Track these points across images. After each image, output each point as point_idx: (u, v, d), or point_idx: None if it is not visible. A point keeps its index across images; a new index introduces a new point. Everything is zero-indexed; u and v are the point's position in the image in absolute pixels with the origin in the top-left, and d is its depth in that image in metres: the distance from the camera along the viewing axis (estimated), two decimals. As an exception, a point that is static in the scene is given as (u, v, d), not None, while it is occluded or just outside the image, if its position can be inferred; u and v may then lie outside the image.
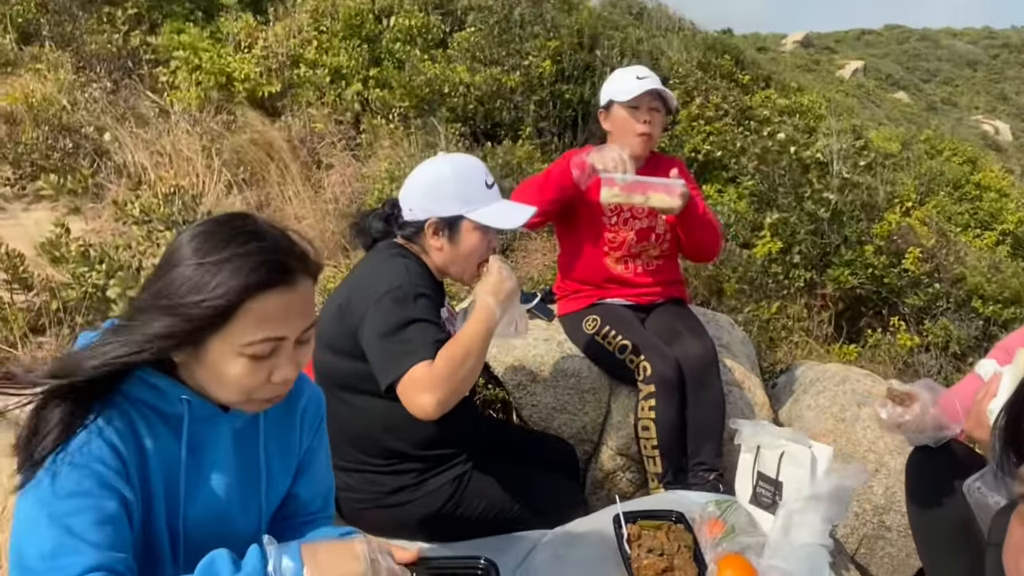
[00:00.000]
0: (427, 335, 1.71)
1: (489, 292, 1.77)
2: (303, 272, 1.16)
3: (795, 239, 5.24)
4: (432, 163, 1.94)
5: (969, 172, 8.29)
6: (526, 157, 5.22)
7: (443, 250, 1.91)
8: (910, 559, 2.46)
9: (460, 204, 1.86)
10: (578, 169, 2.30)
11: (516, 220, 1.92)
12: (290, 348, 1.17)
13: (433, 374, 1.63)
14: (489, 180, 1.93)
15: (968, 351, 5.23)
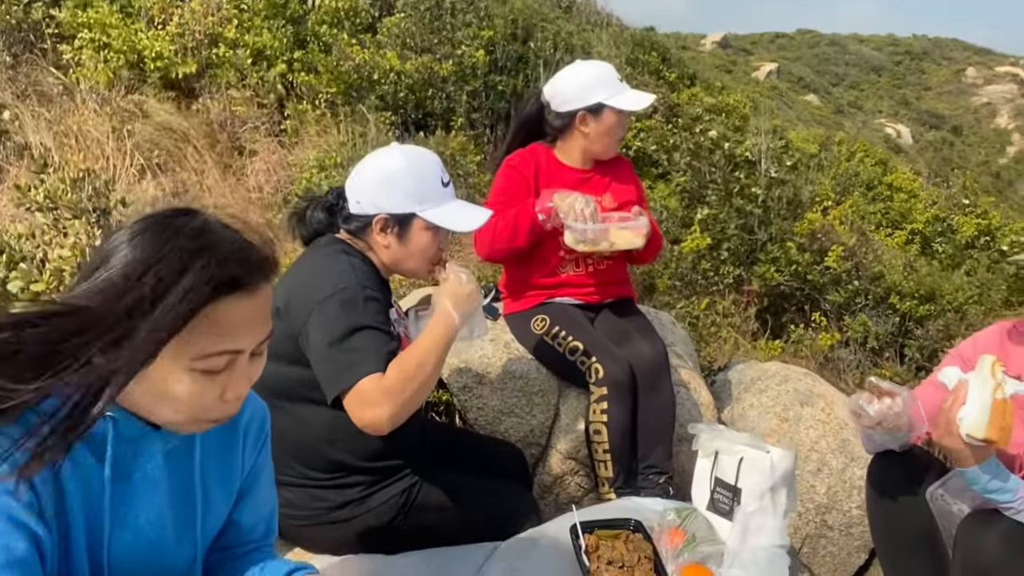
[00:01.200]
0: (377, 344, 1.59)
1: (449, 299, 1.66)
2: (263, 276, 1.02)
3: (724, 236, 5.33)
4: (386, 154, 1.80)
5: (881, 174, 8.67)
6: (459, 149, 5.10)
7: (390, 248, 1.78)
8: (851, 557, 2.49)
9: (414, 202, 1.74)
10: (545, 215, 2.25)
11: (472, 223, 1.82)
12: (245, 362, 1.04)
13: (384, 387, 1.52)
14: (445, 178, 1.81)
15: (885, 346, 5.44)
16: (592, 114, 2.36)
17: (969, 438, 1.41)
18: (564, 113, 2.39)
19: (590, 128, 2.38)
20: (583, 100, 2.34)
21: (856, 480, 2.49)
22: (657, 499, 2.03)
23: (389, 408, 1.51)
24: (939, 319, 5.45)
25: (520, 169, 2.40)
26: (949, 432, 1.44)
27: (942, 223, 8.03)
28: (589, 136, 2.39)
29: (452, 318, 1.63)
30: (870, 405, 1.48)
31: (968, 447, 1.43)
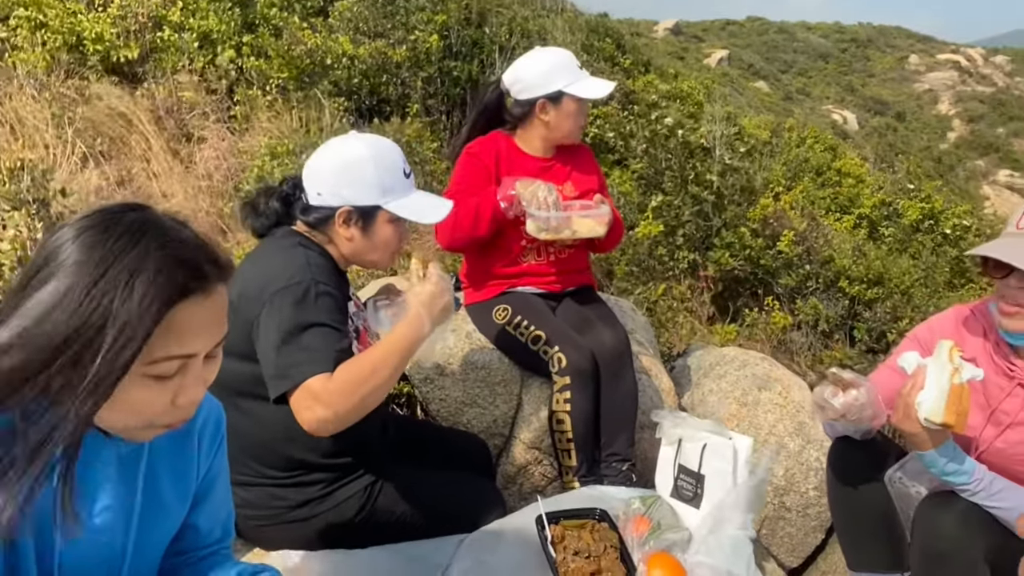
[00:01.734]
0: (327, 342, 1.54)
1: (425, 306, 1.60)
2: (217, 276, 0.98)
3: (679, 222, 5.38)
4: (346, 143, 1.74)
5: (830, 159, 8.85)
6: (416, 136, 5.04)
7: (354, 241, 1.74)
8: (808, 538, 2.54)
9: (378, 193, 1.70)
10: (507, 203, 2.24)
11: (436, 215, 1.78)
12: (199, 365, 0.99)
13: (332, 389, 1.47)
14: (407, 168, 1.78)
15: (835, 328, 5.58)
16: (552, 102, 2.34)
17: (927, 422, 1.44)
18: (524, 101, 2.36)
19: (550, 116, 2.36)
20: (543, 88, 2.32)
21: (812, 462, 2.54)
22: (621, 487, 2.04)
23: (334, 411, 1.47)
24: (887, 302, 5.60)
25: (481, 157, 2.37)
26: (908, 417, 1.46)
27: (888, 207, 8.24)
28: (550, 124, 2.37)
29: (423, 326, 1.58)
30: (835, 398, 1.49)
31: (926, 431, 1.46)
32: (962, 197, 16.53)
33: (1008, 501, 1.47)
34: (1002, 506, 1.47)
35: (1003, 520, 1.48)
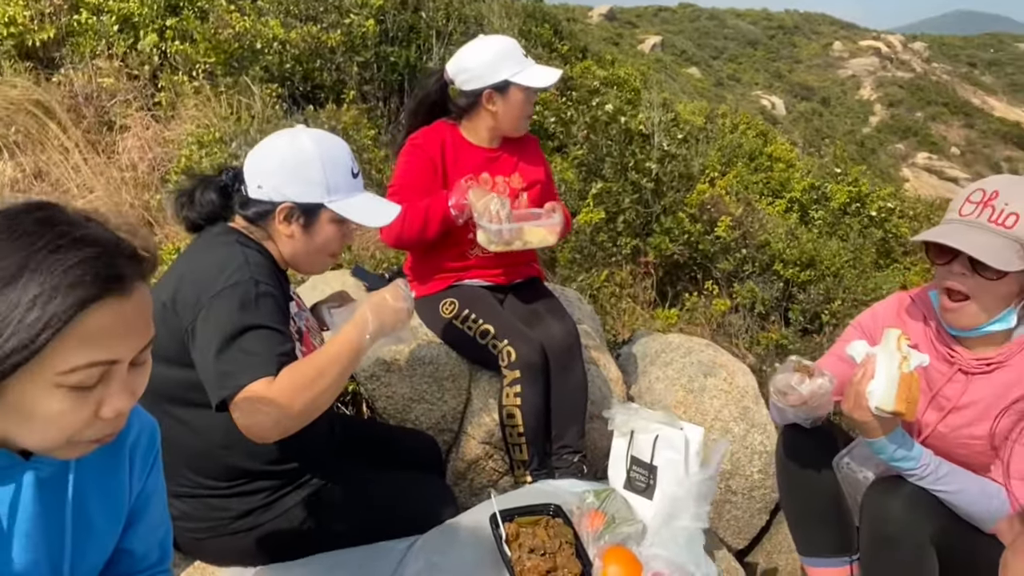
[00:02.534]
0: (269, 346, 1.46)
1: (372, 309, 1.53)
2: (137, 275, 0.90)
3: (620, 208, 5.41)
4: (292, 137, 1.66)
5: (762, 145, 9.05)
6: (352, 123, 4.91)
7: (294, 238, 1.66)
8: (754, 519, 2.59)
9: (322, 192, 1.63)
10: (458, 211, 2.20)
11: (383, 218, 1.72)
12: (123, 373, 0.91)
13: (275, 394, 1.40)
14: (355, 168, 1.71)
15: (771, 310, 5.72)
16: (499, 92, 2.29)
17: (878, 411, 1.46)
18: (470, 91, 2.30)
19: (497, 106, 2.31)
20: (489, 78, 2.26)
21: (757, 445, 2.58)
22: (575, 480, 2.03)
23: (276, 417, 1.40)
24: (819, 284, 5.76)
25: (425, 149, 2.31)
26: (859, 405, 1.49)
27: (817, 191, 8.49)
28: (496, 114, 2.32)
29: (366, 330, 1.51)
30: (802, 385, 1.50)
31: (876, 419, 1.48)
32: (884, 180, 17.18)
33: (953, 484, 1.51)
34: (948, 489, 1.51)
35: (948, 503, 1.52)
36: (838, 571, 1.78)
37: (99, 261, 0.84)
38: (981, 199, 1.54)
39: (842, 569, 1.78)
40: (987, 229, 1.50)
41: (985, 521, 1.51)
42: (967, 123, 49.61)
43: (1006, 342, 1.58)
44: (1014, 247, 1.48)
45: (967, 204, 1.56)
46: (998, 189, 1.52)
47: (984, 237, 1.49)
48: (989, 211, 1.51)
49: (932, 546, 1.49)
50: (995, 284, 1.51)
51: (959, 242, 1.49)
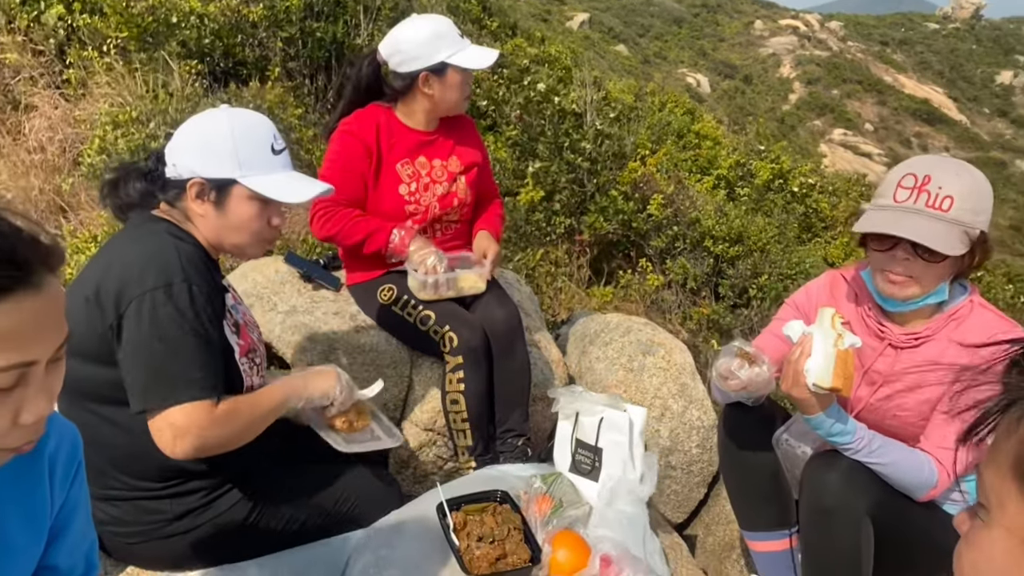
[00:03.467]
0: (203, 362, 1.46)
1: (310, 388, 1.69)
2: (44, 267, 0.82)
3: (556, 188, 5.42)
4: (210, 115, 1.59)
5: (690, 123, 9.20)
6: (277, 101, 4.74)
7: (207, 218, 1.58)
8: (692, 493, 2.66)
9: (233, 166, 1.55)
10: (396, 254, 2.24)
11: (300, 194, 1.61)
12: (41, 373, 0.84)
13: (209, 423, 1.44)
14: (278, 145, 1.62)
15: (702, 286, 5.86)
16: (435, 74, 2.23)
17: (815, 388, 1.50)
18: (405, 74, 2.23)
19: (434, 89, 2.25)
20: (425, 59, 2.20)
21: (695, 421, 2.64)
22: (521, 465, 2.03)
23: (200, 444, 1.45)
24: (747, 259, 5.92)
25: (359, 135, 2.23)
26: (797, 383, 1.52)
27: (743, 168, 8.71)
28: (433, 97, 2.26)
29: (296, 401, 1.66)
30: (741, 370, 1.53)
31: (814, 396, 1.53)
32: (804, 156, 17.76)
33: (886, 457, 1.57)
34: (881, 461, 1.57)
35: (882, 475, 1.59)
36: (778, 543, 1.84)
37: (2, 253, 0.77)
38: (914, 184, 1.57)
39: (782, 542, 1.84)
40: (926, 214, 1.54)
41: (916, 490, 1.58)
42: (880, 100, 51.74)
43: (935, 315, 1.65)
44: (955, 230, 1.52)
45: (900, 190, 1.59)
46: (930, 174, 1.56)
47: (925, 223, 1.53)
48: (925, 196, 1.54)
49: (868, 517, 1.55)
50: (938, 266, 1.56)
51: (908, 231, 1.52)
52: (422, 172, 2.29)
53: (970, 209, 1.52)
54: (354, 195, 2.24)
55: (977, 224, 1.53)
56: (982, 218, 1.54)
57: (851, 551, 1.56)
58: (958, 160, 1.61)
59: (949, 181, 1.54)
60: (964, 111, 56.62)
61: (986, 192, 1.55)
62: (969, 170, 1.57)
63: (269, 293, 2.43)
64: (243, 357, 1.62)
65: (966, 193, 1.52)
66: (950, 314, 1.63)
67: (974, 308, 1.63)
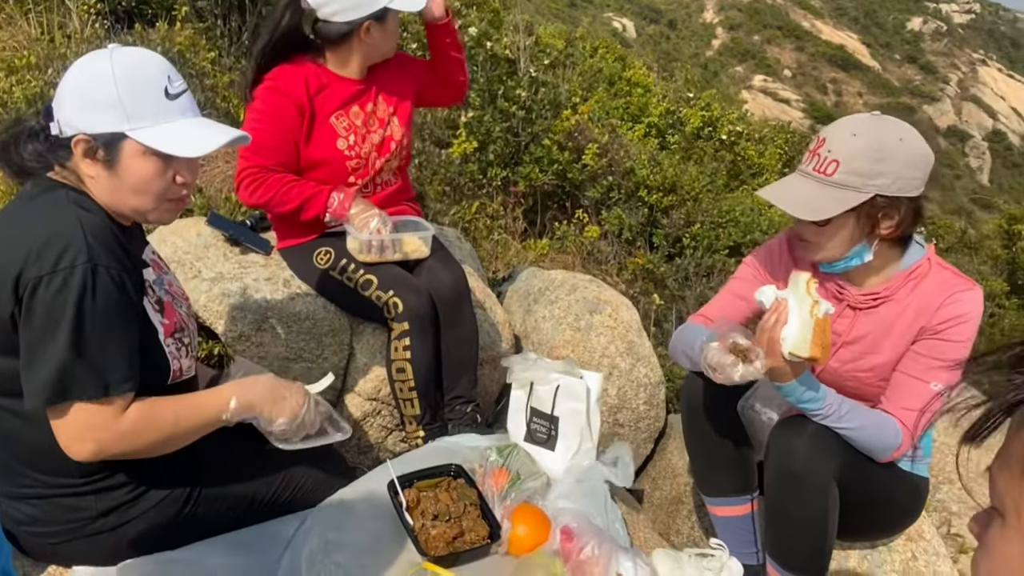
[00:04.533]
0: (111, 357, 1.30)
1: (273, 411, 1.53)
2: None
3: (490, 138, 5.26)
4: (92, 58, 1.36)
5: (621, 70, 9.10)
6: (188, 44, 4.38)
7: (98, 180, 1.37)
8: (640, 449, 2.65)
9: (120, 118, 1.32)
10: (336, 217, 2.07)
11: (206, 144, 1.39)
12: None
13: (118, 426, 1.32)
14: (174, 87, 1.38)
15: (637, 236, 5.86)
16: (377, 21, 2.04)
17: (792, 356, 1.46)
18: (344, 23, 2.02)
19: (375, 37, 2.06)
20: (367, 7, 1.99)
21: (642, 378, 2.62)
22: (473, 436, 1.95)
23: (91, 447, 1.31)
24: (680, 208, 5.95)
25: (287, 92, 2.03)
26: (772, 351, 1.47)
27: (673, 116, 8.71)
28: (373, 44, 2.08)
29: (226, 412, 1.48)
30: (736, 368, 1.45)
31: (788, 364, 1.49)
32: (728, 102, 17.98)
33: (854, 421, 1.56)
34: (849, 426, 1.56)
35: (849, 438, 1.58)
36: (739, 508, 1.83)
37: None
38: (814, 148, 1.58)
39: (743, 507, 1.83)
40: (811, 178, 1.56)
41: (880, 452, 1.59)
42: (798, 46, 52.79)
43: (893, 275, 1.64)
44: (834, 193, 1.52)
45: (807, 154, 1.61)
46: (826, 136, 1.56)
47: (808, 188, 1.55)
48: (816, 160, 1.56)
49: (834, 481, 1.55)
50: (825, 230, 1.56)
51: (778, 198, 1.56)
52: (356, 122, 2.12)
53: (859, 172, 1.50)
54: (285, 158, 2.05)
55: (869, 187, 1.50)
56: (883, 181, 1.50)
57: (818, 515, 1.56)
58: (877, 119, 1.57)
59: (841, 144, 1.53)
60: (877, 57, 58.45)
61: (892, 152, 1.50)
62: (875, 129, 1.53)
63: (192, 259, 2.25)
64: (168, 338, 1.47)
65: (856, 155, 1.50)
66: (908, 273, 1.62)
67: (932, 267, 1.62)
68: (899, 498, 1.72)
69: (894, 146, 1.50)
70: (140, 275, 1.41)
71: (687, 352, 1.73)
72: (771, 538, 1.66)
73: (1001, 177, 50.23)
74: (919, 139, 1.55)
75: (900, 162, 1.50)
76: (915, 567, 1.90)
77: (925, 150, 1.53)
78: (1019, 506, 0.59)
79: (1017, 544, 0.59)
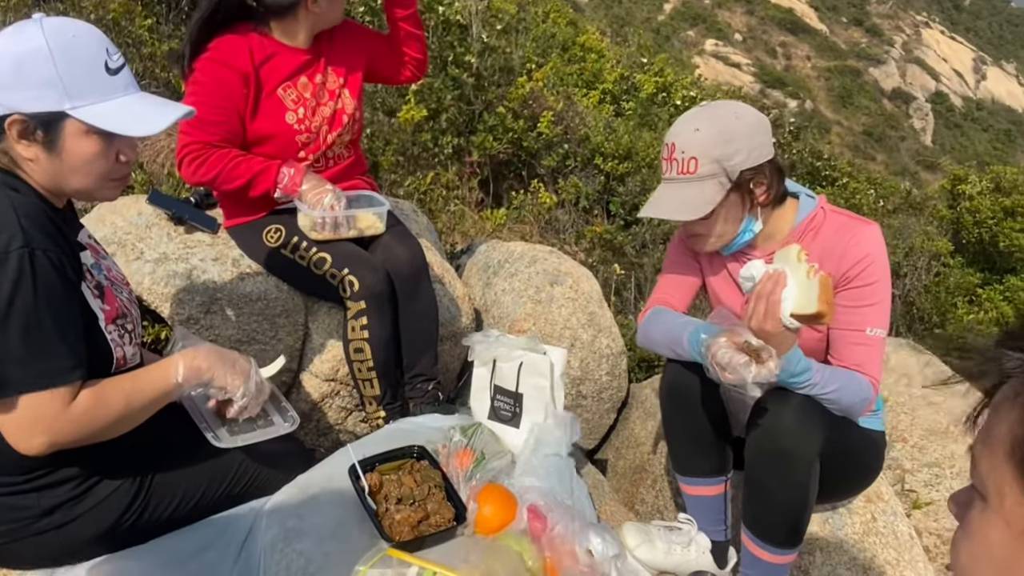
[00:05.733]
0: (45, 341, 1.23)
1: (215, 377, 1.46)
2: None
3: (442, 106, 5.15)
4: (19, 29, 1.25)
5: (574, 35, 8.99)
6: (122, 11, 4.16)
7: (38, 161, 1.28)
8: (602, 420, 2.65)
9: (60, 96, 1.24)
10: (287, 193, 1.99)
11: (153, 122, 1.32)
12: None
13: (65, 417, 1.25)
14: (114, 62, 1.30)
15: (594, 204, 5.84)
16: None
17: (792, 319, 1.42)
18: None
19: (322, 5, 1.95)
20: None
21: (604, 349, 2.60)
22: (436, 415, 1.91)
23: (44, 439, 1.25)
24: (636, 175, 5.94)
25: (229, 62, 1.91)
26: (772, 316, 1.42)
27: (627, 82, 8.67)
28: (321, 13, 1.97)
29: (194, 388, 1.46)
30: (747, 369, 1.40)
31: (786, 332, 1.45)
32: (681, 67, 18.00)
33: (834, 383, 1.55)
34: (832, 389, 1.55)
35: (830, 403, 1.57)
36: (714, 488, 1.82)
37: None
38: (668, 155, 1.65)
39: (717, 487, 1.83)
40: (680, 181, 1.63)
41: (859, 407, 1.60)
42: (748, 10, 53.05)
43: (789, 231, 1.68)
44: (708, 184, 1.60)
45: (664, 164, 1.68)
46: (674, 141, 1.64)
47: (681, 192, 1.62)
48: (676, 164, 1.63)
49: (817, 457, 1.54)
50: (711, 220, 1.65)
51: (660, 212, 1.65)
52: (305, 94, 2.02)
53: (718, 157, 1.58)
54: (229, 134, 1.94)
55: (731, 168, 1.59)
56: (740, 157, 1.58)
57: (802, 490, 1.56)
58: (707, 108, 1.65)
59: (688, 142, 1.60)
60: (824, 20, 59.10)
61: (736, 130, 1.59)
62: (712, 117, 1.61)
63: (133, 239, 2.14)
64: (110, 324, 1.39)
65: (708, 145, 1.58)
66: (805, 227, 1.67)
67: (827, 215, 1.68)
68: (863, 456, 1.74)
69: (734, 124, 1.60)
70: (78, 258, 1.32)
71: (672, 345, 1.71)
72: (750, 510, 1.64)
73: (943, 138, 51.62)
74: (750, 110, 1.65)
75: (745, 135, 1.59)
76: (875, 527, 1.94)
77: (759, 117, 1.64)
78: (1002, 490, 0.58)
79: (999, 528, 0.58)
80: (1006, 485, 0.57)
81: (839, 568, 1.85)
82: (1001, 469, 0.58)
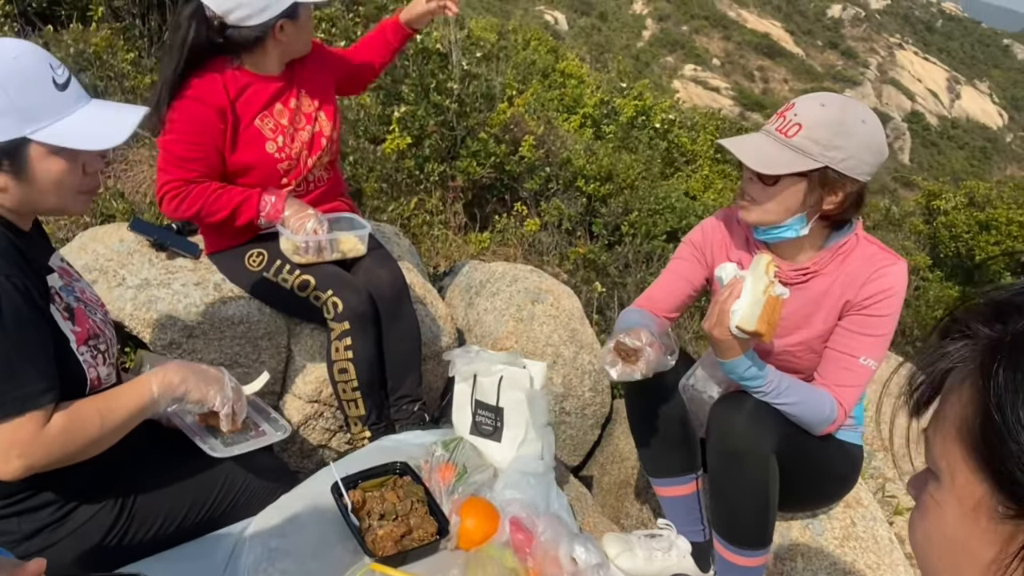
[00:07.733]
0: (24, 365, 1.24)
1: (190, 391, 1.47)
2: None
3: (425, 132, 5.22)
4: None
5: (554, 61, 9.14)
6: (105, 45, 4.21)
7: (9, 191, 1.28)
8: (587, 436, 2.67)
9: (19, 121, 1.23)
10: (269, 220, 2.03)
11: (116, 134, 1.31)
12: None
13: (21, 438, 1.24)
14: (60, 76, 1.29)
15: (576, 226, 5.90)
16: (290, 19, 1.97)
17: (738, 330, 1.48)
18: (257, 26, 1.94)
19: (289, 34, 2.00)
20: (277, 6, 1.91)
21: (586, 365, 2.63)
22: (417, 432, 1.93)
23: (21, 464, 1.25)
24: (618, 197, 6.02)
25: (205, 99, 1.93)
26: (721, 323, 1.49)
27: (607, 106, 8.80)
28: (289, 42, 2.02)
29: (169, 405, 1.47)
30: (614, 370, 1.52)
31: (734, 340, 1.51)
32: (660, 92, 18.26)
33: (793, 397, 1.60)
34: (788, 402, 1.59)
35: (787, 414, 1.61)
36: (685, 487, 1.86)
37: None
38: (782, 111, 1.61)
39: (688, 486, 1.86)
40: (773, 138, 1.57)
41: (817, 426, 1.63)
42: (725, 35, 53.99)
43: (822, 250, 1.68)
44: (787, 154, 1.54)
45: (774, 115, 1.63)
46: (796, 102, 1.59)
47: (766, 145, 1.56)
48: (780, 121, 1.58)
49: (774, 455, 1.58)
50: (773, 190, 1.58)
51: (736, 148, 1.57)
52: (283, 121, 2.06)
53: (817, 140, 1.52)
54: (207, 169, 1.97)
55: (824, 157, 1.52)
56: (839, 156, 1.52)
57: (760, 490, 1.59)
58: (845, 99, 1.60)
59: (807, 110, 1.55)
60: (800, 44, 60.22)
61: (853, 131, 1.52)
62: (843, 106, 1.55)
63: (115, 266, 2.15)
64: (82, 346, 1.39)
65: (817, 124, 1.52)
66: (836, 249, 1.66)
67: (859, 242, 1.66)
68: (836, 467, 1.77)
69: (856, 125, 1.53)
70: (44, 282, 1.34)
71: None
72: (716, 514, 1.68)
73: (920, 156, 52.48)
74: (880, 130, 1.57)
75: (858, 142, 1.52)
76: (854, 532, 1.96)
77: (883, 140, 1.56)
78: (953, 468, 0.60)
79: (952, 505, 0.61)
80: (957, 463, 0.60)
81: (820, 573, 1.87)
82: (952, 449, 0.60)
